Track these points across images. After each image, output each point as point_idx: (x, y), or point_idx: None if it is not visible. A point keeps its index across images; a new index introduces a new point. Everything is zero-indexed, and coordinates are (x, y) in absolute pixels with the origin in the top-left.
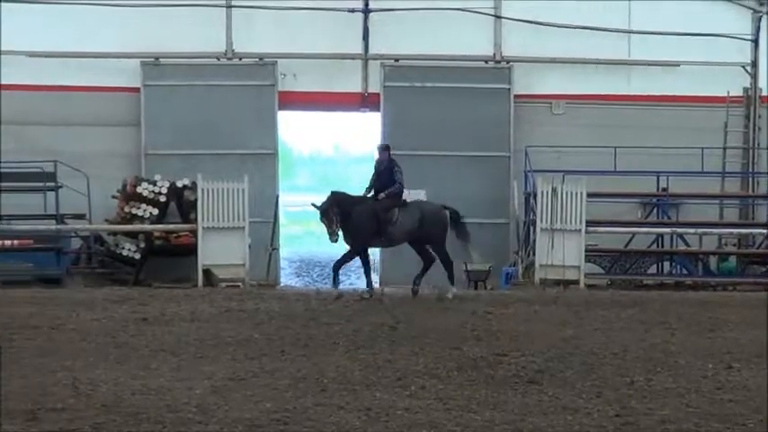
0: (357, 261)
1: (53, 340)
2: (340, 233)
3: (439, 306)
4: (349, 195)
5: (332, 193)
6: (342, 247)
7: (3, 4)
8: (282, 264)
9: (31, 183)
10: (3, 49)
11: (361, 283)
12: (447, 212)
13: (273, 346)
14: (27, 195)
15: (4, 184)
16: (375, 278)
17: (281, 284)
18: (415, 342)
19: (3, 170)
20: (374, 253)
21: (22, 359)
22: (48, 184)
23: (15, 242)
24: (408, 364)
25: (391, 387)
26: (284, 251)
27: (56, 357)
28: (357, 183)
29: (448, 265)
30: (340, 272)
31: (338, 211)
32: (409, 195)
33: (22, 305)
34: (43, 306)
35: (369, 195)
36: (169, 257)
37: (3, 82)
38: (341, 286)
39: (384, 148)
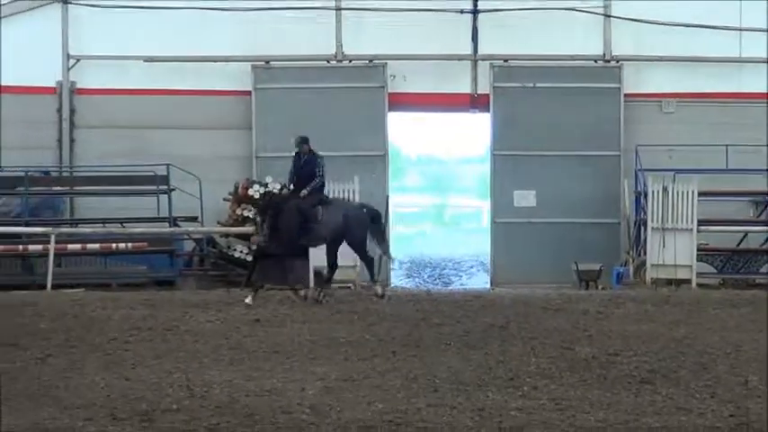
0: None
1: (167, 342)
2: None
3: (551, 306)
4: (281, 195)
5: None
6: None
7: (118, 9)
8: (394, 264)
9: (144, 186)
10: (119, 54)
11: (474, 283)
12: (365, 211)
13: (385, 346)
14: (141, 198)
15: (118, 187)
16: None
17: (392, 285)
18: (527, 342)
19: (117, 174)
20: (485, 253)
21: (137, 361)
22: (161, 187)
23: (130, 245)
24: (520, 365)
25: (503, 387)
26: (395, 252)
27: (170, 359)
28: (466, 183)
29: (369, 263)
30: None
31: (272, 212)
32: (519, 196)
33: (136, 307)
34: (157, 308)
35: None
36: (281, 259)
37: (119, 87)
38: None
39: (303, 141)
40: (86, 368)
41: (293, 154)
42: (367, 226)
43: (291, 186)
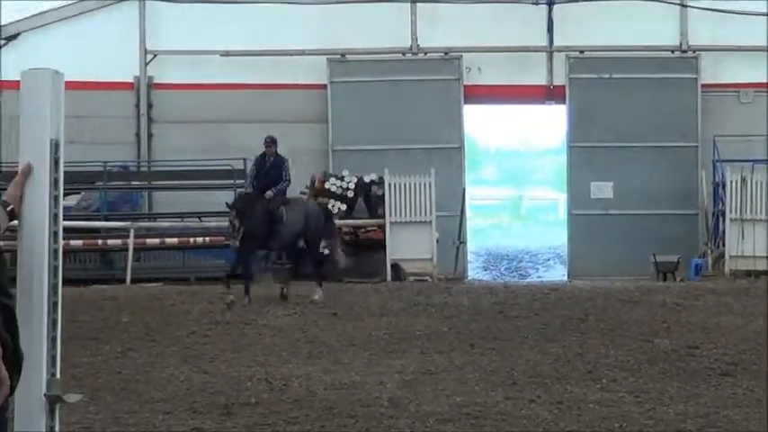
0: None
1: (245, 336)
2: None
3: (629, 298)
4: (251, 195)
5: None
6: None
7: (194, 4)
8: (470, 257)
9: (221, 180)
10: (196, 49)
11: (551, 276)
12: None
13: (463, 339)
14: (218, 192)
15: (198, 181)
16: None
17: (469, 278)
18: (605, 335)
19: (195, 168)
20: (562, 245)
21: (216, 355)
22: (238, 181)
23: (207, 239)
24: (599, 357)
25: (582, 380)
26: (471, 245)
27: (249, 352)
28: (542, 175)
29: (320, 265)
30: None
31: (244, 211)
32: (596, 188)
33: (215, 301)
34: (235, 302)
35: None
36: (357, 252)
37: (196, 81)
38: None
39: (273, 142)
40: (166, 362)
41: (259, 155)
42: (322, 224)
43: (251, 188)
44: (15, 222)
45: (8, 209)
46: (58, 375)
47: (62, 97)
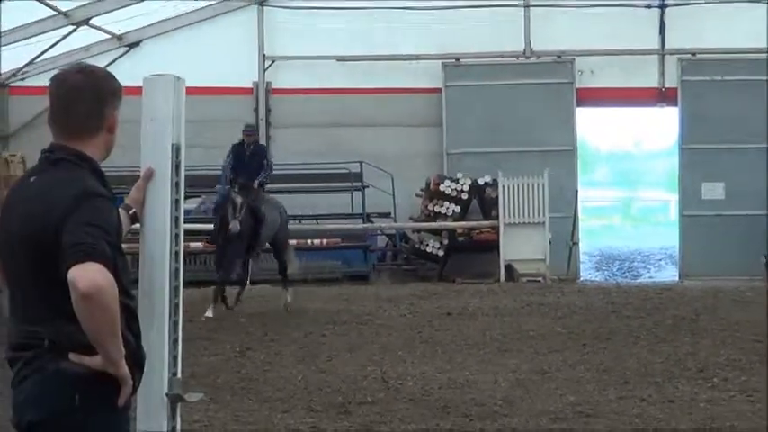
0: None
1: (362, 335)
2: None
3: (741, 299)
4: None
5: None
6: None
7: (311, 11)
8: (582, 258)
9: (339, 183)
10: (312, 54)
11: (662, 276)
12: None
13: (575, 339)
14: (336, 195)
15: (315, 185)
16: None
17: (582, 278)
18: (717, 334)
19: (314, 171)
20: (674, 246)
21: (332, 354)
22: (354, 184)
23: (325, 241)
24: (710, 357)
25: (693, 379)
26: (584, 245)
27: (365, 351)
28: (654, 177)
29: (285, 267)
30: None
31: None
32: (707, 189)
33: (331, 301)
34: (351, 302)
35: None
36: (471, 253)
37: (312, 86)
38: None
39: (254, 131)
40: (284, 361)
41: (236, 144)
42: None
43: (230, 178)
44: (137, 225)
45: (130, 212)
46: (179, 375)
47: (183, 102)
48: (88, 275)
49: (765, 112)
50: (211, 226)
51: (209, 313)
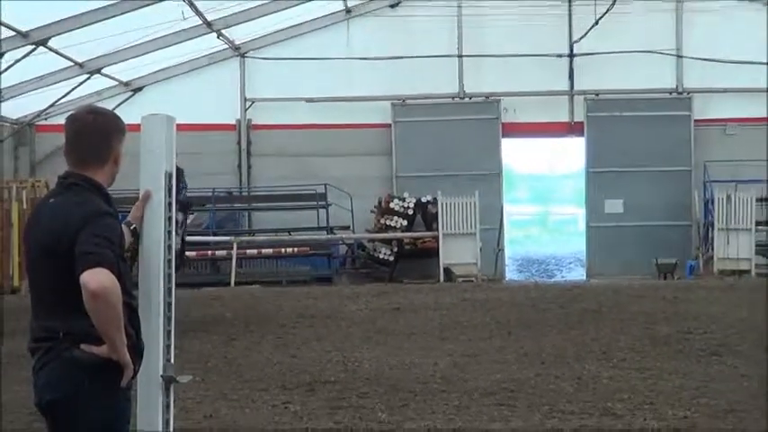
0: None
1: (327, 327)
2: None
3: (636, 293)
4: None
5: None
6: None
7: (284, 60)
8: (507, 262)
9: (307, 202)
10: (286, 96)
11: (572, 276)
12: None
13: (501, 328)
14: (304, 212)
15: (287, 203)
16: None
17: (506, 278)
18: (617, 323)
19: (286, 192)
20: (581, 251)
21: (302, 342)
22: (320, 202)
23: (295, 249)
24: (611, 341)
25: (597, 360)
26: (508, 251)
27: (329, 340)
28: (565, 195)
29: None
30: None
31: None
32: (609, 204)
33: (302, 299)
34: (318, 300)
35: None
36: (416, 259)
37: (286, 123)
38: None
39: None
40: (262, 348)
41: None
42: None
43: None
44: (137, 239)
45: (131, 227)
46: (173, 361)
47: (174, 137)
48: (97, 278)
49: (657, 141)
50: (201, 238)
51: None
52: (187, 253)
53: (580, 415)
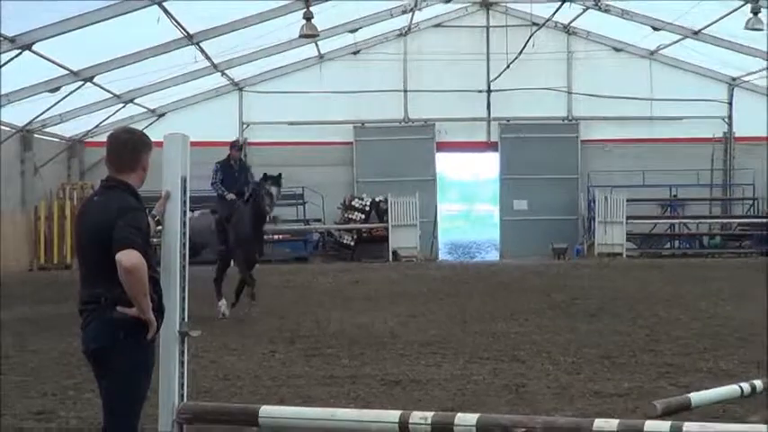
0: None
1: (303, 295)
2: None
3: (536, 270)
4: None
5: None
6: None
7: (273, 94)
8: (440, 246)
9: (289, 200)
10: (274, 120)
11: (489, 257)
12: None
13: (435, 295)
14: (287, 208)
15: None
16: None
17: (440, 259)
18: (522, 292)
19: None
20: (496, 238)
21: (285, 307)
22: (299, 201)
23: (281, 236)
24: (517, 306)
25: (508, 320)
26: (441, 238)
27: (304, 304)
28: (484, 196)
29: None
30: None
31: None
32: (517, 203)
33: (285, 274)
34: (297, 275)
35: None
36: (371, 244)
37: (274, 141)
38: None
39: (240, 148)
40: (254, 313)
41: (224, 160)
42: None
43: (223, 191)
44: (160, 227)
45: (156, 219)
46: (186, 319)
47: (188, 150)
48: (129, 257)
49: (553, 156)
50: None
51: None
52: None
53: (494, 361)
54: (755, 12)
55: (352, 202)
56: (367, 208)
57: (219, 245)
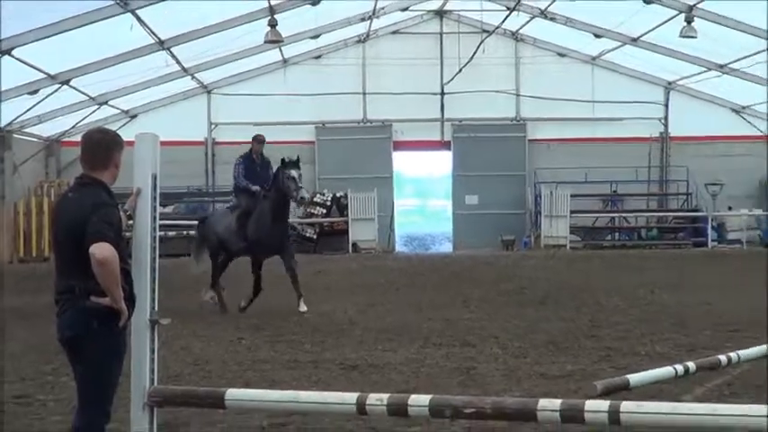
0: None
1: (268, 285)
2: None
3: (486, 261)
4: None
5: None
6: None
7: (240, 96)
8: (397, 238)
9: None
10: (240, 121)
11: (443, 249)
12: None
13: (392, 286)
14: None
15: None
16: None
17: (397, 251)
18: (473, 282)
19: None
20: (449, 231)
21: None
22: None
23: None
24: (469, 294)
25: (459, 307)
26: (398, 231)
27: (270, 295)
28: (438, 191)
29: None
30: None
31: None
32: (469, 198)
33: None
34: (265, 265)
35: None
36: (332, 236)
37: (240, 140)
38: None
39: (263, 140)
40: (223, 300)
41: (246, 153)
42: None
43: (247, 185)
44: (132, 222)
45: (127, 213)
46: (156, 308)
47: (158, 149)
48: (102, 250)
49: (502, 154)
50: (179, 222)
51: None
52: (168, 233)
53: (447, 346)
54: (689, 21)
55: (315, 198)
56: (328, 203)
57: (241, 241)
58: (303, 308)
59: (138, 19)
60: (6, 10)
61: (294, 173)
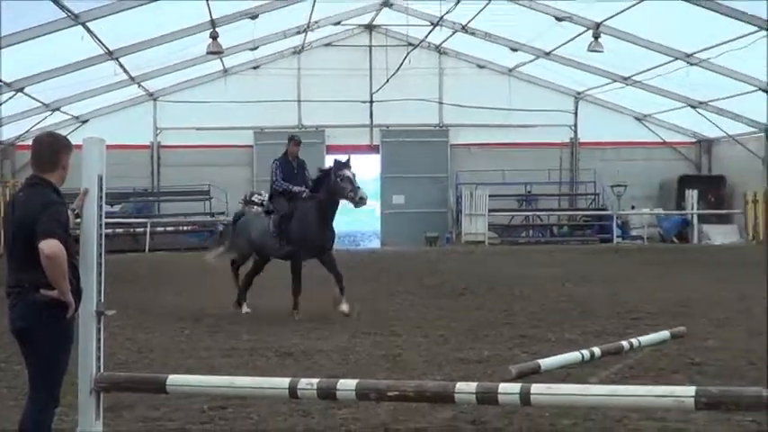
0: None
1: (208, 280)
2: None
3: (412, 256)
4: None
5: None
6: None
7: (184, 103)
8: None
9: (198, 196)
10: (185, 126)
11: (372, 245)
12: None
13: (325, 280)
14: (195, 203)
15: (185, 197)
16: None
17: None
18: (400, 276)
19: (185, 189)
20: (377, 229)
21: (194, 290)
22: (205, 196)
23: (189, 227)
24: (396, 287)
25: (389, 297)
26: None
27: (210, 289)
28: (367, 192)
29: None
30: None
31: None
32: (396, 198)
33: (193, 261)
34: (203, 262)
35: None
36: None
37: (184, 144)
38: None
39: (300, 142)
40: (165, 293)
41: (282, 156)
42: None
43: (289, 187)
44: (79, 220)
45: (75, 212)
46: (102, 300)
47: (104, 152)
48: (50, 246)
49: (426, 157)
50: (126, 220)
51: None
52: (116, 230)
53: (374, 335)
54: (596, 36)
55: (252, 198)
56: (265, 202)
57: (282, 245)
58: (345, 308)
59: (89, 31)
60: None
61: (349, 173)
